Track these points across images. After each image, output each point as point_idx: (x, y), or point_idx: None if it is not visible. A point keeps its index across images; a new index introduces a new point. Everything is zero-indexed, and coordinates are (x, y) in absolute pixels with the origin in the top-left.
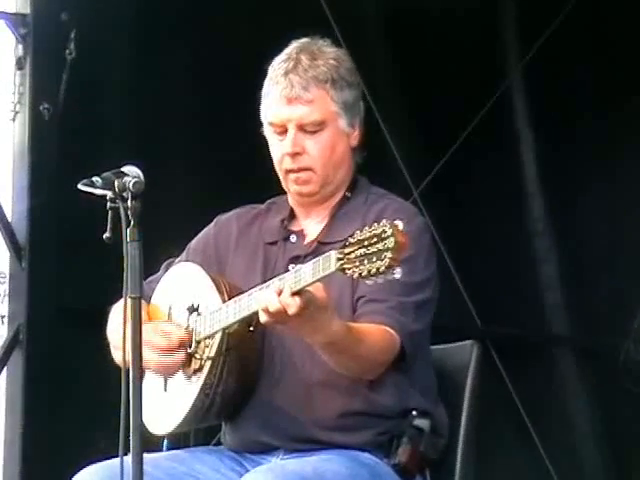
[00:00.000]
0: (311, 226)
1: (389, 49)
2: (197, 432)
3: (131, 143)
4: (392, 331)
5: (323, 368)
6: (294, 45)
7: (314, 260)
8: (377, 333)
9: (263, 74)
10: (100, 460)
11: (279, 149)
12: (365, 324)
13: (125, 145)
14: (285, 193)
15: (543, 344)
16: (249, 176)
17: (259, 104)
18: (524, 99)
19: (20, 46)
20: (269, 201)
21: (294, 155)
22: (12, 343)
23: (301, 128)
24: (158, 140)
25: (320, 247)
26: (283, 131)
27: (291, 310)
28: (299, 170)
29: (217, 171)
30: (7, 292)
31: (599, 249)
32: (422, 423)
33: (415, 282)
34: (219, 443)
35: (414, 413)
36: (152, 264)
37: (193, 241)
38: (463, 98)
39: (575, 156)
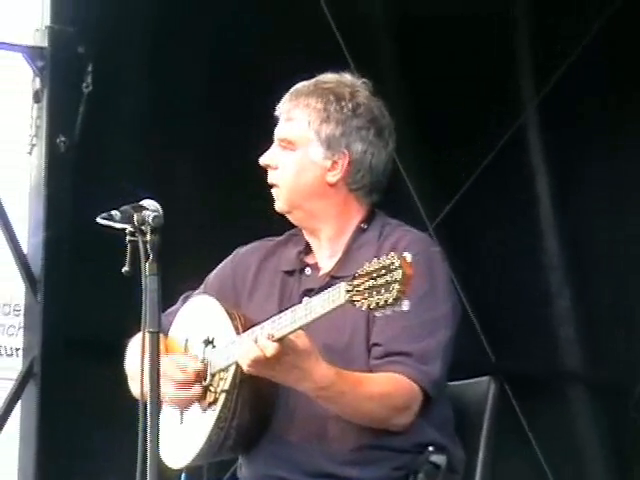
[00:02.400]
0: (325, 259)
1: (403, 83)
2: (210, 465)
3: (147, 176)
4: (410, 381)
5: None
6: (325, 75)
7: (324, 292)
8: (382, 380)
9: (274, 97)
10: None
11: None
12: (373, 374)
13: (141, 178)
14: None
15: (556, 379)
16: (267, 208)
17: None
18: (539, 135)
19: (37, 79)
20: (288, 232)
21: (267, 167)
22: (27, 376)
23: (279, 143)
24: (174, 173)
25: (332, 281)
26: None
27: (268, 352)
28: (271, 185)
29: (234, 204)
30: (22, 325)
31: (613, 284)
32: (438, 459)
33: (437, 317)
34: (232, 477)
35: (430, 449)
36: (167, 296)
37: (211, 274)
38: (478, 132)
39: (590, 192)
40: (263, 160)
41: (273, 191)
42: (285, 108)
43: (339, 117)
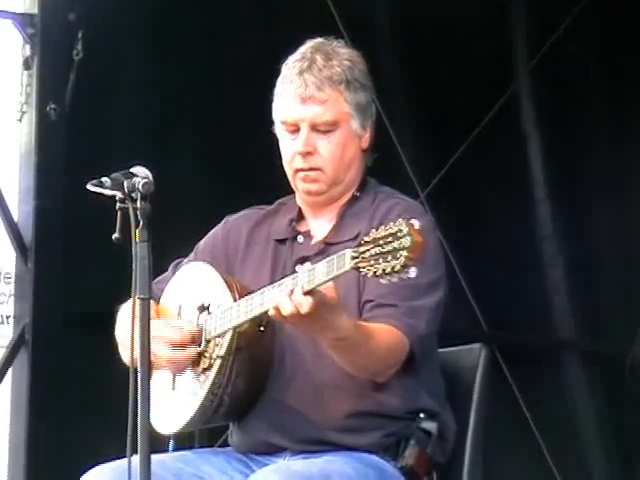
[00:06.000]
0: (318, 227)
1: (397, 52)
2: (201, 433)
3: (138, 143)
4: (401, 333)
5: (332, 370)
6: (309, 45)
7: (328, 259)
8: (386, 333)
9: (273, 75)
10: (107, 461)
11: (291, 148)
12: (374, 324)
13: (132, 145)
14: (294, 193)
15: (550, 348)
16: (258, 176)
17: (270, 105)
18: (532, 102)
19: (27, 46)
20: (278, 201)
21: (305, 154)
22: (18, 343)
23: (314, 128)
24: (166, 140)
25: (327, 248)
26: (295, 130)
27: (303, 309)
28: (309, 169)
29: (226, 171)
30: (13, 292)
31: (606, 253)
32: (430, 426)
33: (425, 283)
34: (224, 444)
35: (422, 415)
36: (161, 265)
37: (202, 241)
38: (471, 101)
39: (584, 160)
40: (305, 148)
41: (312, 174)
42: (309, 92)
43: (364, 82)
